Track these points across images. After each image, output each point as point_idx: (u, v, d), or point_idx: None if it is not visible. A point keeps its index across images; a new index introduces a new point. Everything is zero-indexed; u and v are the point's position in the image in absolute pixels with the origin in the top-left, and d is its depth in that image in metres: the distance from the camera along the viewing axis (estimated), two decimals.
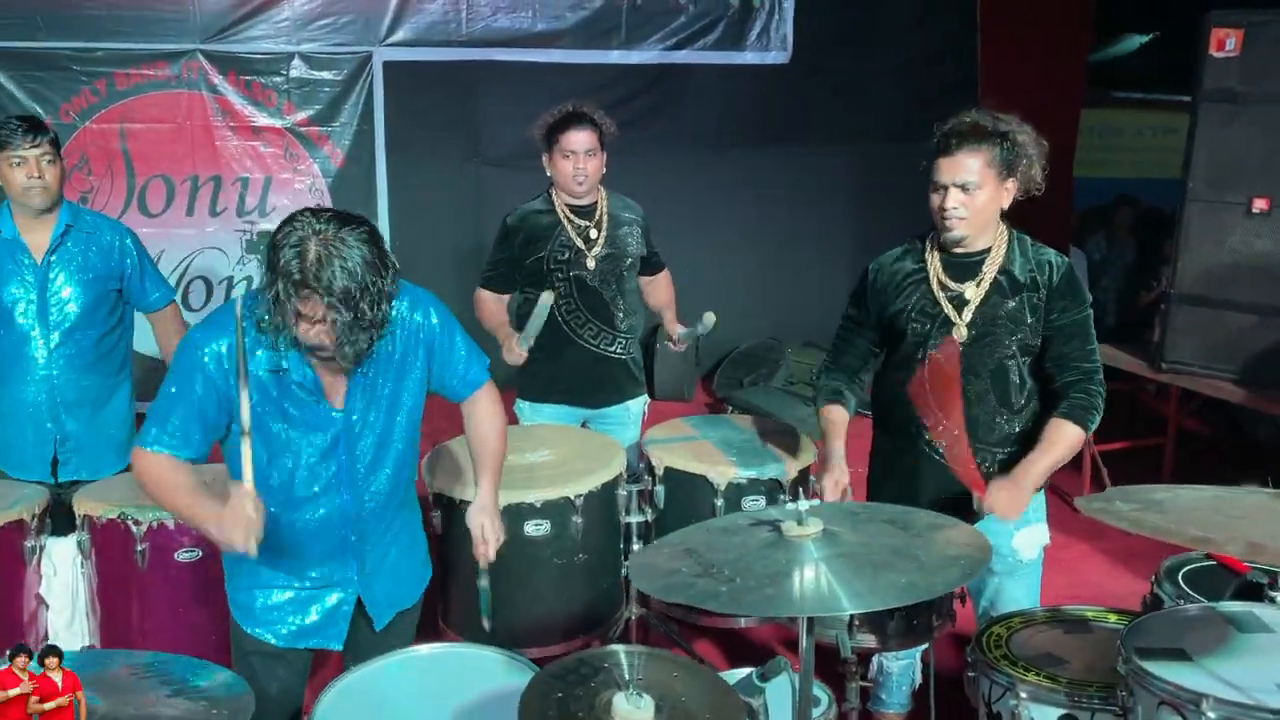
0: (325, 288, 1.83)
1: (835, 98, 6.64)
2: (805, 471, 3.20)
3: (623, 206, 3.50)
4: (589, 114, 3.34)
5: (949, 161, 2.37)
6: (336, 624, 2.25)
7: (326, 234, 1.86)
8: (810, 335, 6.45)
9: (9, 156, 2.99)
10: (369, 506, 2.20)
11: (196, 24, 5.63)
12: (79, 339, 3.11)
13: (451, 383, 2.28)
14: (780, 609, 1.48)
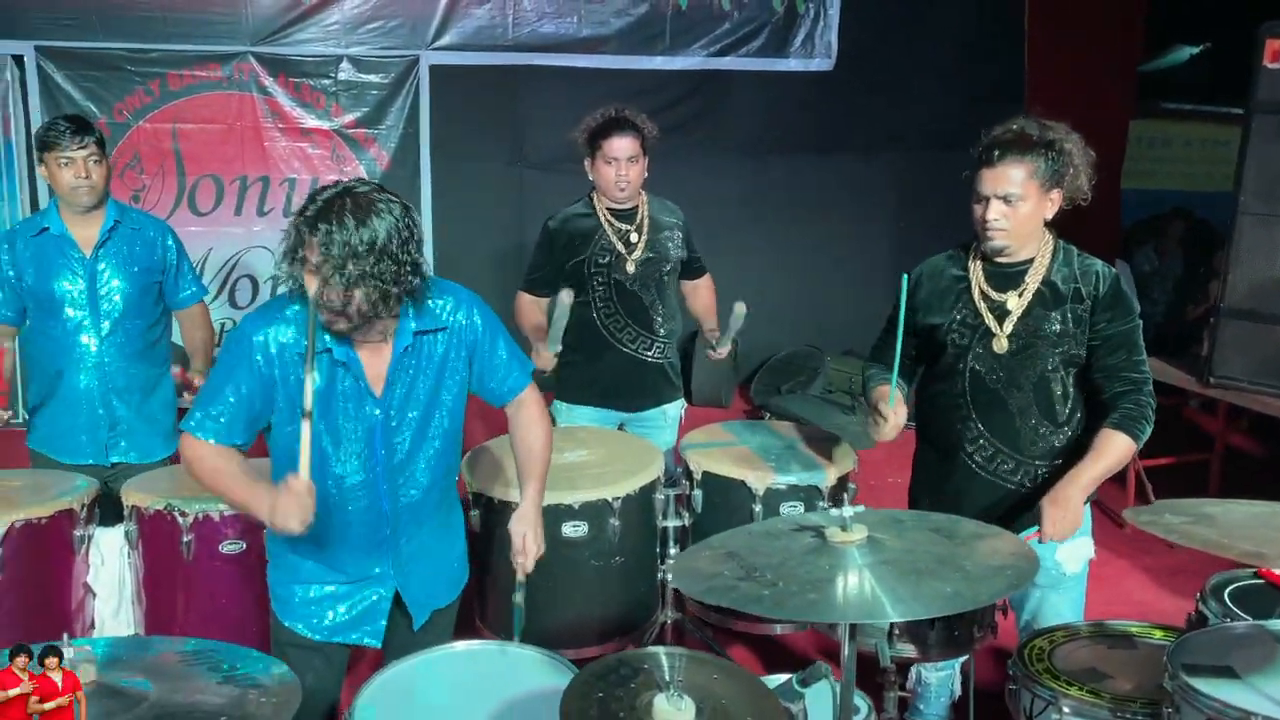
0: (333, 230, 1.89)
1: (878, 104, 6.60)
2: (845, 478, 3.18)
3: (664, 210, 3.51)
4: (632, 119, 3.35)
5: (992, 173, 2.34)
6: (374, 620, 2.27)
7: (354, 191, 1.94)
8: (850, 344, 6.42)
9: (57, 156, 3.06)
10: (404, 502, 2.21)
11: (248, 26, 5.72)
12: (128, 328, 3.19)
13: (492, 385, 2.29)
14: (823, 614, 1.47)
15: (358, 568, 2.25)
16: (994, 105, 6.66)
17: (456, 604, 2.47)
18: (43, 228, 3.15)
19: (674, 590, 3.24)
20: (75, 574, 2.78)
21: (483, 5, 6.00)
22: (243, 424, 2.09)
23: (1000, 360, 2.45)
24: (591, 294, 3.40)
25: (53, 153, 3.06)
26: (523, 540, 2.32)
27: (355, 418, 2.12)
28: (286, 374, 2.07)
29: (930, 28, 6.68)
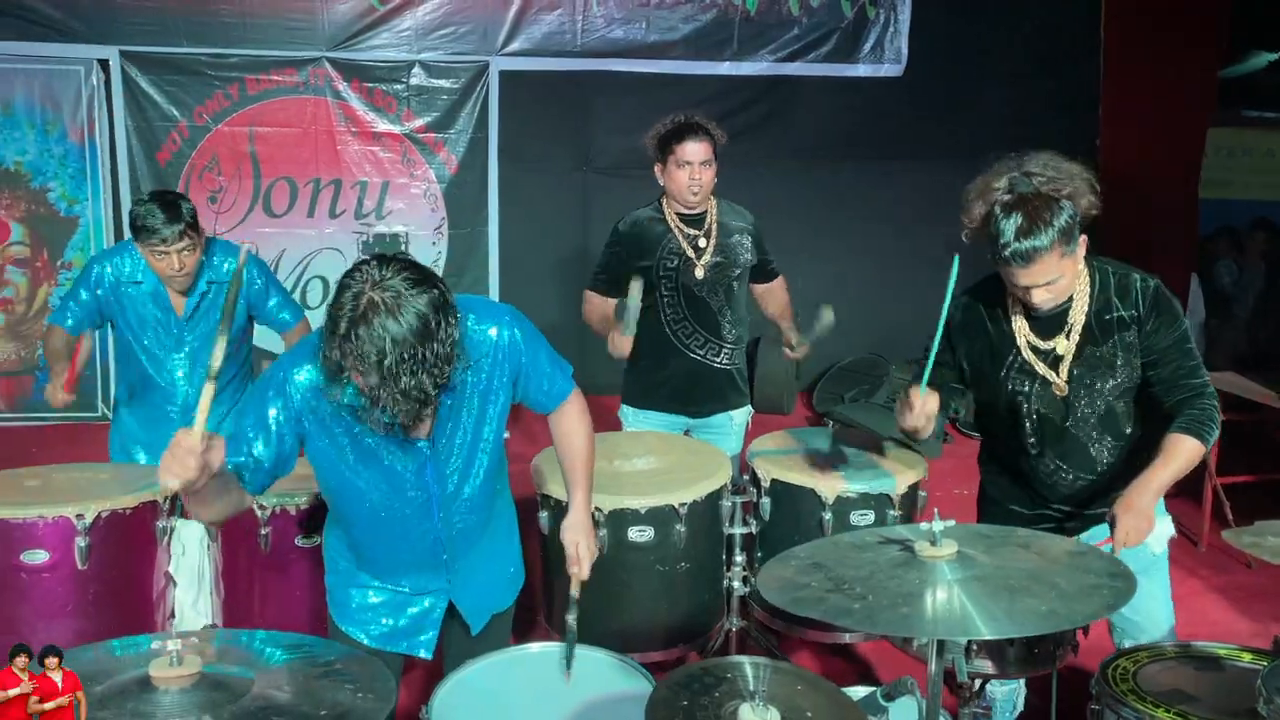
0: (368, 343, 1.74)
1: (949, 110, 6.52)
2: (915, 487, 3.15)
3: (733, 215, 3.50)
4: (704, 124, 3.35)
5: (1024, 271, 2.26)
6: (427, 630, 2.27)
7: (385, 290, 1.76)
8: (915, 352, 6.30)
9: (151, 249, 3.06)
10: (457, 525, 2.20)
11: (324, 32, 5.84)
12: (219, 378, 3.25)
13: (536, 396, 2.24)
14: (915, 629, 1.46)
15: (414, 584, 2.26)
16: (1068, 113, 6.58)
17: (514, 607, 2.47)
18: (136, 281, 3.19)
19: (739, 597, 3.24)
20: (157, 563, 2.84)
21: (552, 11, 6.05)
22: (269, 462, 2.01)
23: (1063, 400, 2.43)
24: (659, 299, 3.40)
25: (145, 243, 3.05)
26: (575, 549, 2.32)
27: (405, 457, 2.08)
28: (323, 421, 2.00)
29: (1003, 32, 6.58)
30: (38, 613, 2.66)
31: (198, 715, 1.35)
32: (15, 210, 5.75)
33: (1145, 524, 2.25)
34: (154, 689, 1.41)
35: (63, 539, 2.64)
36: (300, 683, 1.47)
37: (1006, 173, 2.32)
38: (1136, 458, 2.42)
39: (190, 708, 1.38)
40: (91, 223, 5.77)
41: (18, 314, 5.83)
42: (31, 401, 5.88)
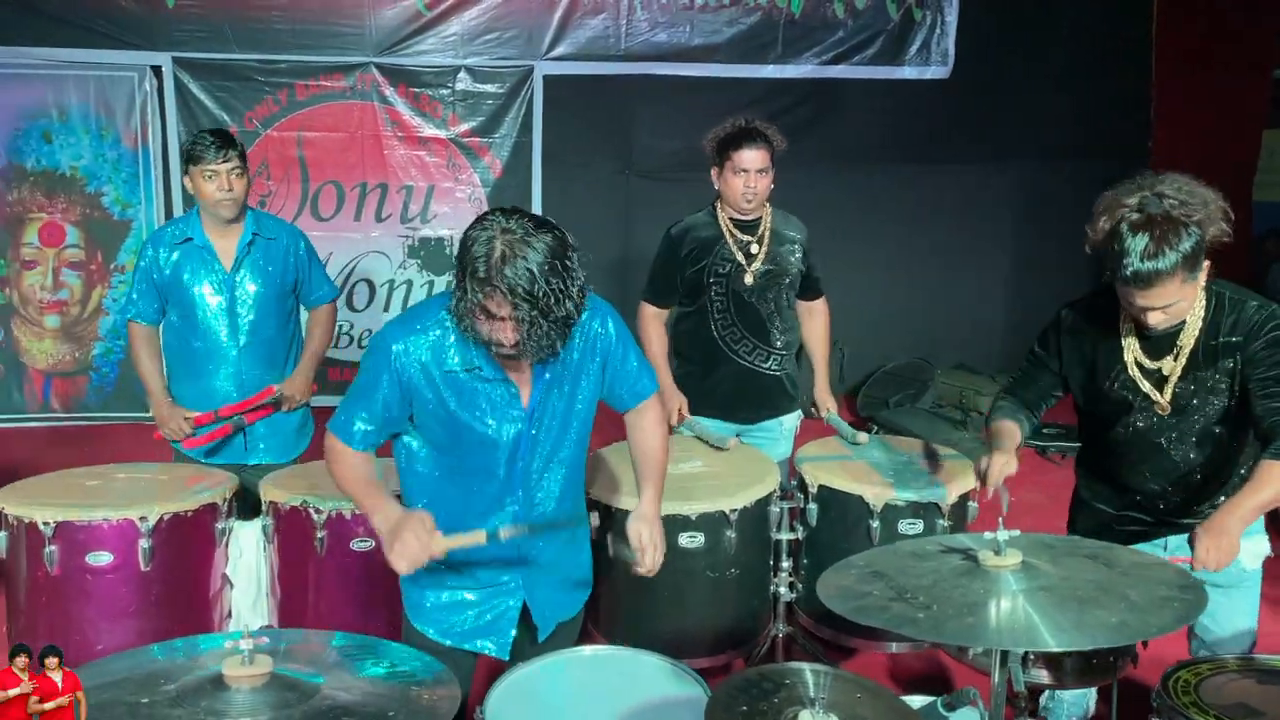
0: (508, 284, 1.86)
1: (997, 112, 6.46)
2: (965, 496, 3.12)
3: (787, 224, 3.48)
4: (763, 130, 3.33)
5: (1143, 294, 2.23)
6: (502, 630, 2.29)
7: (514, 234, 1.89)
8: (961, 357, 6.30)
9: (203, 169, 3.18)
10: (538, 511, 2.24)
11: (371, 38, 5.90)
12: (263, 334, 3.33)
13: (620, 392, 2.31)
14: (980, 639, 1.45)
15: (488, 575, 2.28)
16: (1119, 114, 6.49)
17: (581, 615, 2.49)
18: (186, 237, 3.29)
19: (786, 603, 3.23)
20: (216, 565, 2.90)
21: (597, 16, 6.07)
22: (375, 428, 2.15)
23: (1164, 419, 2.41)
24: (709, 304, 3.40)
25: (198, 166, 3.18)
26: (639, 538, 2.33)
27: (499, 428, 2.15)
28: (422, 389, 2.10)
29: (1052, 33, 6.51)
30: (102, 613, 2.73)
31: (270, 714, 1.38)
32: (71, 214, 5.87)
33: (1228, 547, 2.21)
34: (227, 688, 1.44)
35: (126, 541, 2.70)
36: (366, 684, 1.49)
37: (1139, 190, 2.27)
38: (1231, 479, 2.41)
39: (262, 707, 1.40)
40: (144, 226, 5.87)
41: (73, 315, 5.95)
42: (85, 401, 5.99)
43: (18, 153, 5.76)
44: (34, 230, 5.84)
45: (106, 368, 5.96)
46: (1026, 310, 6.63)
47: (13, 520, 2.72)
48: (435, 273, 6.19)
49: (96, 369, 5.98)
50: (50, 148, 5.78)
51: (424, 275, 6.18)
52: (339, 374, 5.98)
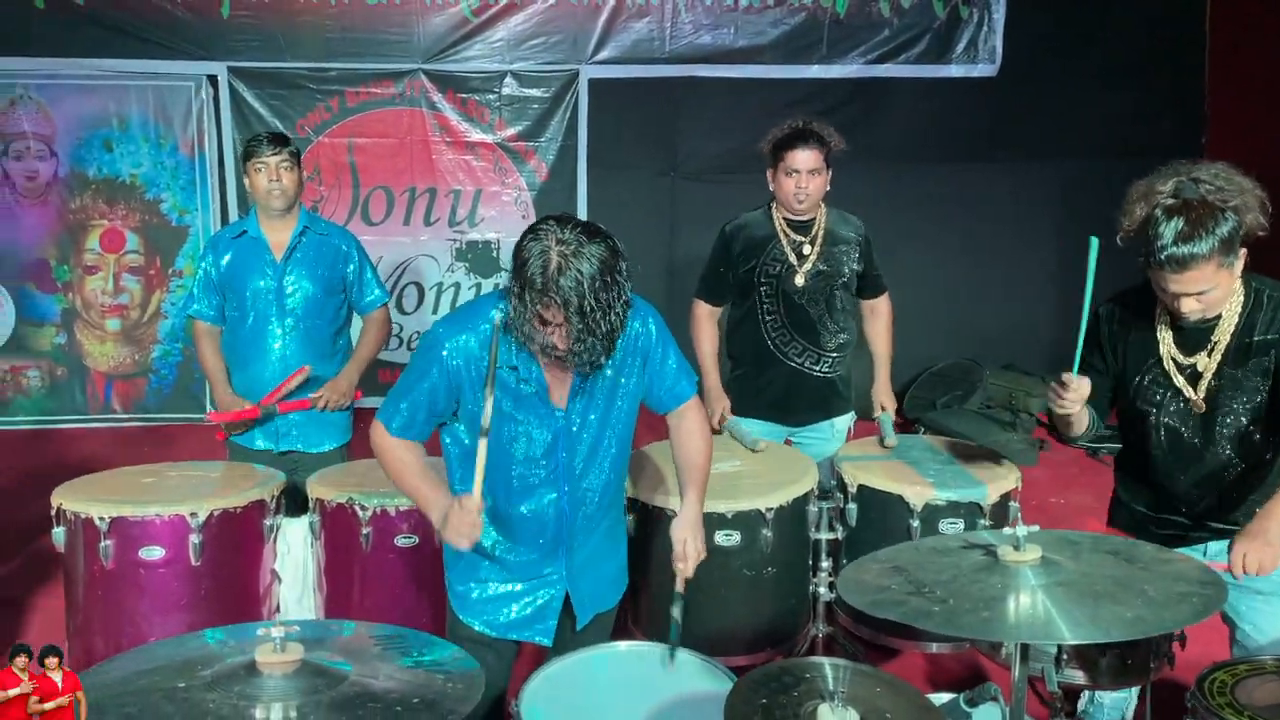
0: (563, 294, 1.93)
1: (1045, 110, 6.36)
2: (1007, 496, 3.10)
3: (843, 224, 3.46)
4: (818, 131, 3.32)
5: (1176, 278, 2.20)
6: (545, 620, 2.35)
7: (568, 244, 1.95)
8: (1010, 357, 6.21)
9: (254, 163, 3.35)
10: (581, 506, 2.29)
11: (420, 45, 6.00)
12: (309, 327, 3.44)
13: (659, 393, 2.34)
14: (995, 633, 1.45)
15: (533, 568, 2.33)
16: (1171, 113, 6.36)
17: (615, 610, 2.54)
18: (242, 231, 3.45)
19: (825, 603, 3.23)
20: (264, 560, 2.98)
21: (641, 19, 6.10)
22: (421, 419, 2.22)
23: (1198, 417, 2.38)
24: (759, 304, 3.39)
25: (251, 160, 3.36)
26: (683, 546, 2.36)
27: (540, 425, 2.20)
28: (472, 383, 2.17)
29: (1101, 29, 6.39)
30: (154, 606, 2.82)
31: (299, 699, 1.43)
32: (131, 220, 6.06)
33: (1269, 553, 2.17)
34: (259, 673, 1.50)
35: (178, 536, 2.79)
36: (393, 672, 1.54)
37: (1174, 177, 2.25)
38: (1267, 481, 2.37)
39: (292, 692, 1.45)
40: (201, 231, 6.04)
41: (132, 319, 6.14)
42: (144, 402, 6.18)
43: (80, 161, 5.96)
44: (95, 236, 6.04)
45: (165, 370, 6.15)
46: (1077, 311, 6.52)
47: (70, 516, 2.82)
48: (482, 275, 6.27)
49: (155, 371, 6.16)
50: (111, 156, 5.98)
51: (471, 278, 6.27)
52: (389, 375, 6.09)
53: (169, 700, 1.40)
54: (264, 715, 1.40)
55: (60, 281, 6.04)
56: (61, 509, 2.84)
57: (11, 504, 4.82)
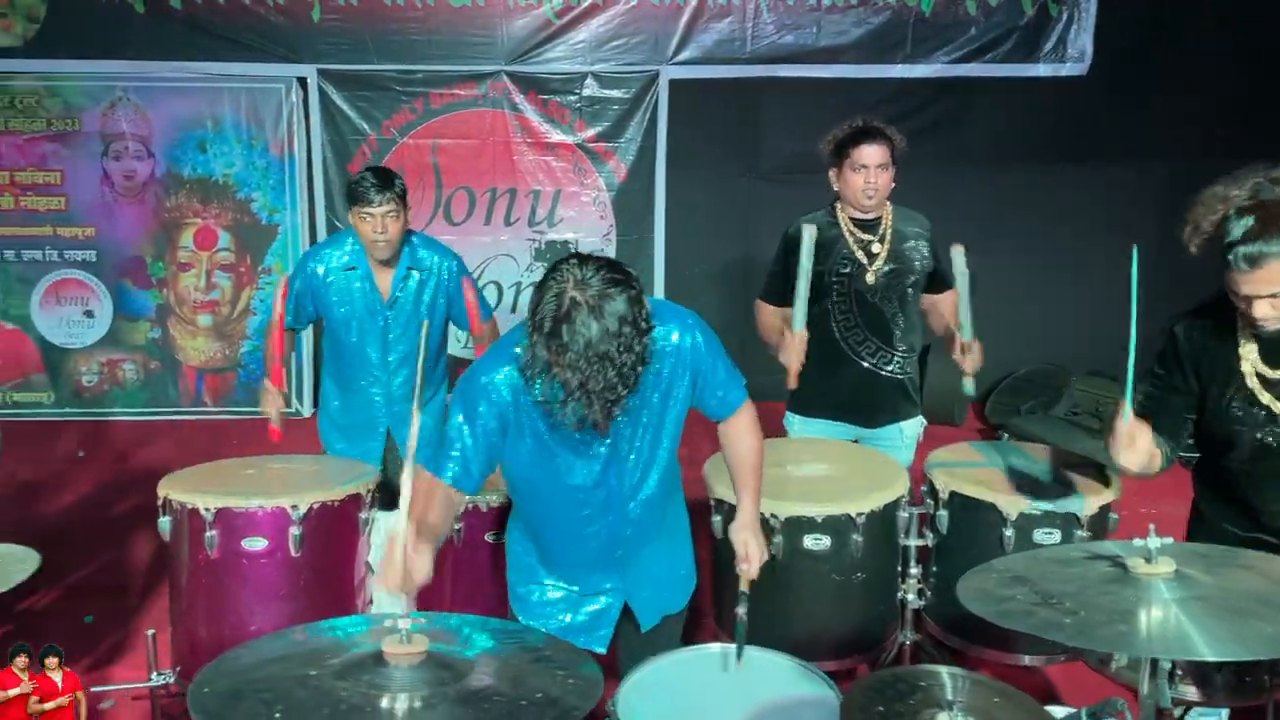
0: (571, 341, 1.86)
1: (1135, 111, 6.21)
2: (1106, 508, 3.02)
3: (909, 221, 3.43)
4: (881, 129, 3.31)
5: (1248, 277, 2.13)
6: (602, 627, 2.35)
7: (586, 289, 1.87)
8: (1098, 363, 6.06)
9: (360, 211, 3.31)
10: (633, 523, 2.27)
11: (503, 47, 6.07)
12: (413, 359, 3.47)
13: (710, 403, 2.30)
14: (1130, 647, 1.41)
15: (589, 583, 2.34)
16: (1269, 113, 6.14)
17: (686, 610, 2.52)
18: (352, 265, 3.44)
19: (913, 611, 3.19)
20: (359, 553, 3.03)
21: (723, 19, 6.09)
22: (477, 466, 2.14)
23: None
24: (830, 305, 3.37)
25: (357, 206, 3.32)
26: (745, 547, 2.34)
27: (587, 457, 2.17)
28: (519, 421, 2.12)
29: (1194, 30, 6.21)
30: (255, 596, 2.88)
31: (426, 691, 1.45)
32: (223, 219, 6.22)
33: None
34: (386, 664, 1.52)
35: (279, 528, 2.84)
36: (513, 667, 1.56)
37: (1252, 179, 2.20)
38: None
39: (419, 683, 1.48)
40: (289, 230, 6.19)
41: (223, 315, 6.31)
42: (234, 396, 6.34)
43: (175, 161, 6.14)
44: (189, 234, 6.22)
45: (253, 364, 6.30)
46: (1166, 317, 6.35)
47: (176, 506, 2.89)
48: None
49: (244, 366, 6.33)
50: (205, 157, 6.14)
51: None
52: None
53: (301, 687, 1.43)
54: (393, 705, 1.43)
55: (155, 278, 6.23)
56: (168, 499, 2.91)
57: (113, 493, 4.99)
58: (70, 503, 4.97)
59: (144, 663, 2.87)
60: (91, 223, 6.15)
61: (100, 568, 4.22)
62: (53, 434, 5.79)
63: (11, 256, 6.15)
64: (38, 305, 6.19)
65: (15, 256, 6.15)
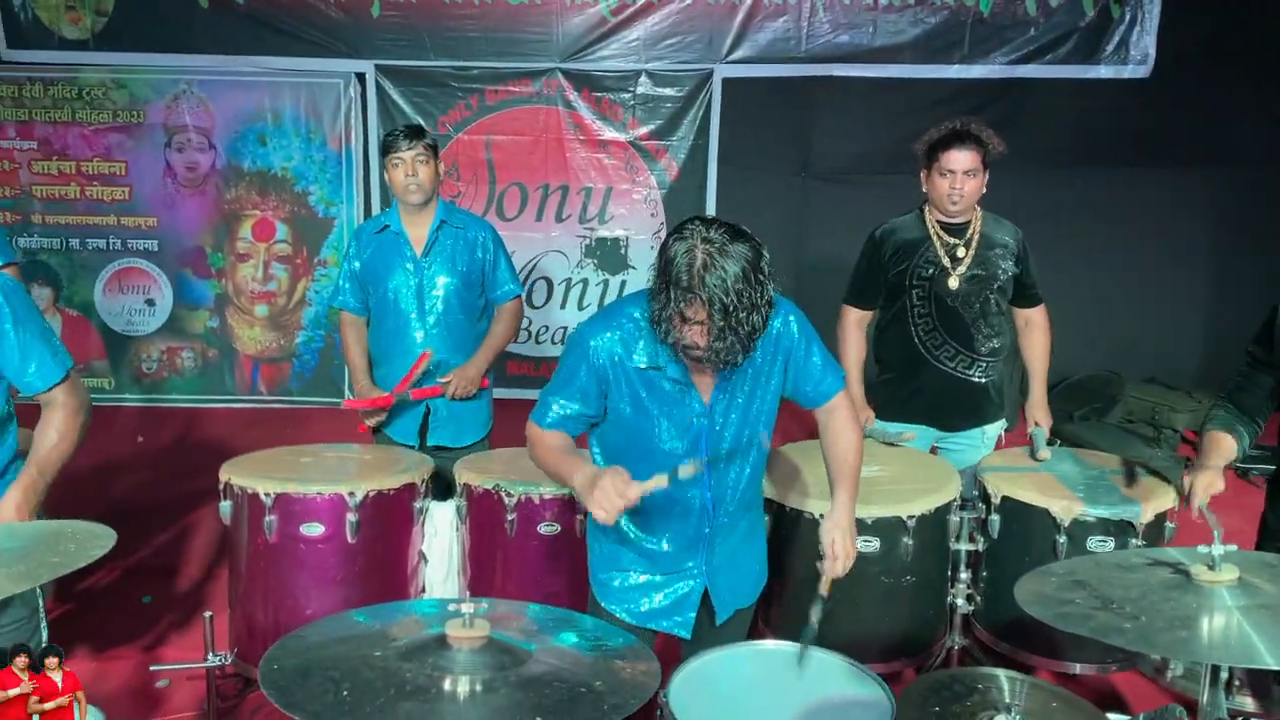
0: (707, 292, 1.96)
1: (1198, 115, 6.09)
2: (1162, 516, 2.98)
3: (999, 228, 3.40)
4: (975, 132, 3.28)
5: None
6: (684, 611, 2.38)
7: (713, 244, 1.99)
8: (1155, 371, 5.97)
9: (392, 159, 3.43)
10: (722, 502, 2.31)
11: (558, 44, 6.10)
12: (450, 322, 3.51)
13: (806, 389, 2.34)
14: (1192, 653, 1.40)
15: (674, 560, 2.36)
16: None
17: (754, 607, 2.55)
18: (384, 225, 3.54)
19: (963, 615, 3.17)
20: (413, 541, 3.08)
21: (778, 18, 6.07)
22: (575, 415, 2.26)
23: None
24: (910, 308, 3.35)
25: (389, 155, 3.44)
26: (833, 546, 2.35)
27: (683, 422, 2.23)
28: (618, 380, 2.21)
29: (1260, 31, 6.08)
30: (312, 581, 2.93)
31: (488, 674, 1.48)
32: (281, 211, 6.33)
33: None
34: (449, 647, 1.55)
35: (336, 514, 2.89)
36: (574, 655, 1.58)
37: None
38: None
39: (481, 667, 1.50)
40: (345, 223, 6.28)
41: (279, 306, 6.42)
42: (288, 386, 6.45)
43: (236, 154, 6.26)
44: (248, 226, 6.34)
45: (308, 355, 6.41)
46: (1228, 325, 6.21)
47: (237, 490, 2.96)
48: (610, 272, 6.35)
49: (299, 356, 6.44)
50: (264, 150, 6.26)
51: (599, 275, 6.35)
52: (517, 368, 6.23)
53: (368, 667, 1.47)
54: (454, 687, 1.46)
55: (214, 268, 6.36)
56: (229, 483, 2.98)
57: (170, 478, 5.11)
58: (129, 486, 5.09)
59: (200, 644, 2.93)
60: (154, 213, 6.30)
61: (158, 550, 4.33)
62: (112, 419, 5.93)
63: (77, 245, 6.31)
64: (101, 293, 6.35)
65: (80, 245, 6.32)
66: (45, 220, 6.29)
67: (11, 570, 1.54)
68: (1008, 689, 1.58)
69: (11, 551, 1.65)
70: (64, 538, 1.72)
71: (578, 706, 1.41)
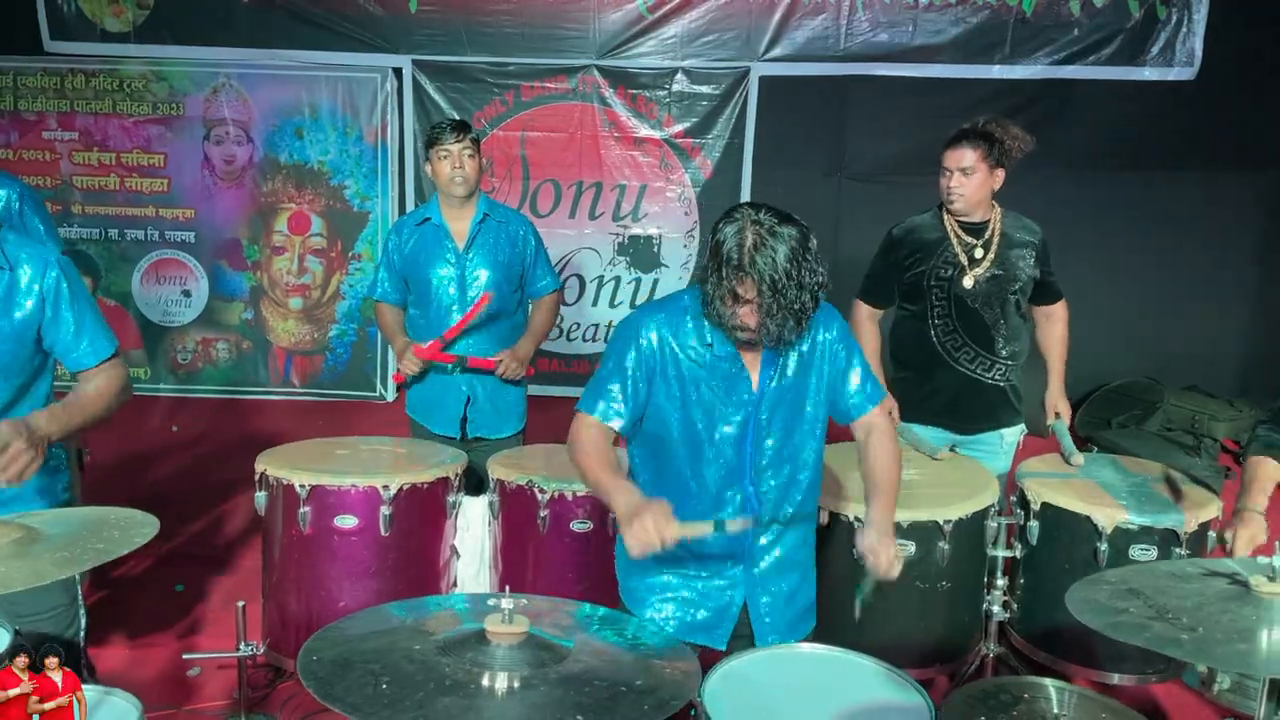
0: (758, 269, 2.01)
1: (1245, 118, 5.97)
2: (1206, 525, 2.93)
3: (1019, 227, 3.36)
4: (979, 130, 3.27)
5: None
6: (722, 625, 2.31)
7: (762, 225, 2.05)
8: (1195, 378, 5.87)
9: (439, 150, 3.43)
10: (765, 505, 2.26)
11: (595, 41, 6.09)
12: (490, 314, 3.50)
13: (845, 400, 2.30)
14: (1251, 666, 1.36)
15: (712, 567, 2.29)
16: None
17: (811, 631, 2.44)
18: (425, 218, 3.54)
19: (998, 622, 3.13)
20: (445, 536, 3.08)
21: (817, 16, 6.02)
22: (624, 401, 2.22)
23: None
24: (929, 308, 3.32)
25: (435, 147, 3.44)
26: (874, 556, 2.29)
27: (732, 410, 2.22)
28: (665, 368, 2.21)
29: None
30: (345, 573, 2.94)
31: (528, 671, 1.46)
32: (316, 205, 6.37)
33: None
34: (488, 642, 1.54)
35: (370, 507, 2.90)
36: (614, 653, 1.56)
37: None
38: None
39: (520, 663, 1.49)
40: (380, 217, 6.30)
41: (314, 299, 6.45)
42: (320, 378, 6.48)
43: (273, 147, 6.30)
44: (284, 219, 6.37)
45: (341, 348, 6.44)
46: (1270, 333, 6.12)
47: (272, 481, 2.97)
48: (643, 270, 6.32)
49: (332, 349, 6.46)
50: (301, 143, 6.29)
51: (632, 272, 6.33)
52: (549, 365, 6.22)
53: (408, 660, 1.46)
54: (493, 683, 1.44)
55: (250, 260, 6.40)
56: (265, 474, 2.99)
57: (204, 468, 5.15)
58: (163, 475, 5.14)
59: (232, 633, 2.94)
60: (191, 205, 6.34)
61: (191, 539, 4.36)
62: (148, 408, 5.98)
63: (115, 235, 6.38)
64: (138, 283, 6.40)
65: (119, 235, 6.38)
66: (85, 210, 6.35)
67: (55, 556, 1.55)
68: (1055, 699, 1.55)
69: (57, 538, 1.65)
70: (108, 524, 1.72)
71: (618, 705, 1.39)
